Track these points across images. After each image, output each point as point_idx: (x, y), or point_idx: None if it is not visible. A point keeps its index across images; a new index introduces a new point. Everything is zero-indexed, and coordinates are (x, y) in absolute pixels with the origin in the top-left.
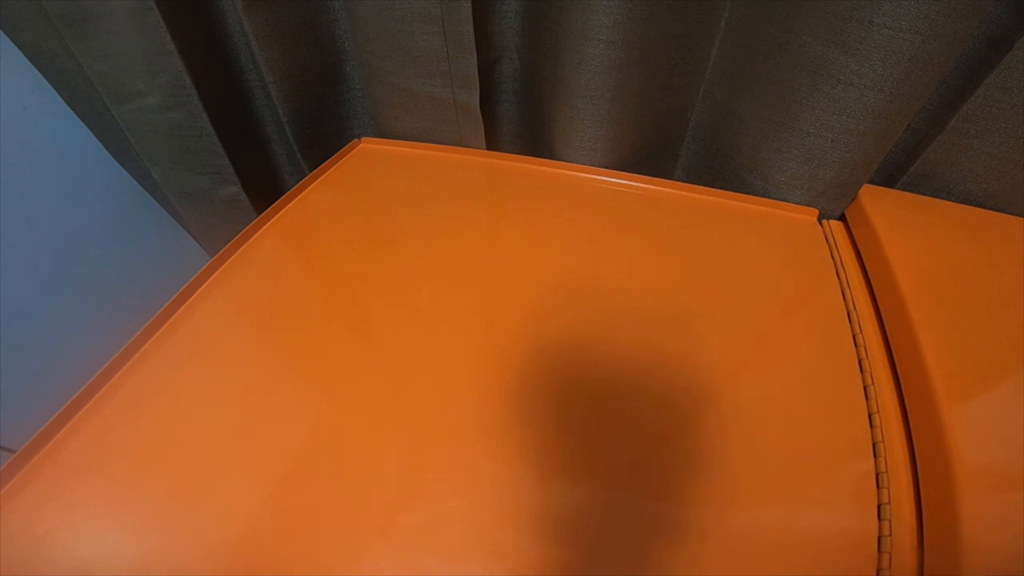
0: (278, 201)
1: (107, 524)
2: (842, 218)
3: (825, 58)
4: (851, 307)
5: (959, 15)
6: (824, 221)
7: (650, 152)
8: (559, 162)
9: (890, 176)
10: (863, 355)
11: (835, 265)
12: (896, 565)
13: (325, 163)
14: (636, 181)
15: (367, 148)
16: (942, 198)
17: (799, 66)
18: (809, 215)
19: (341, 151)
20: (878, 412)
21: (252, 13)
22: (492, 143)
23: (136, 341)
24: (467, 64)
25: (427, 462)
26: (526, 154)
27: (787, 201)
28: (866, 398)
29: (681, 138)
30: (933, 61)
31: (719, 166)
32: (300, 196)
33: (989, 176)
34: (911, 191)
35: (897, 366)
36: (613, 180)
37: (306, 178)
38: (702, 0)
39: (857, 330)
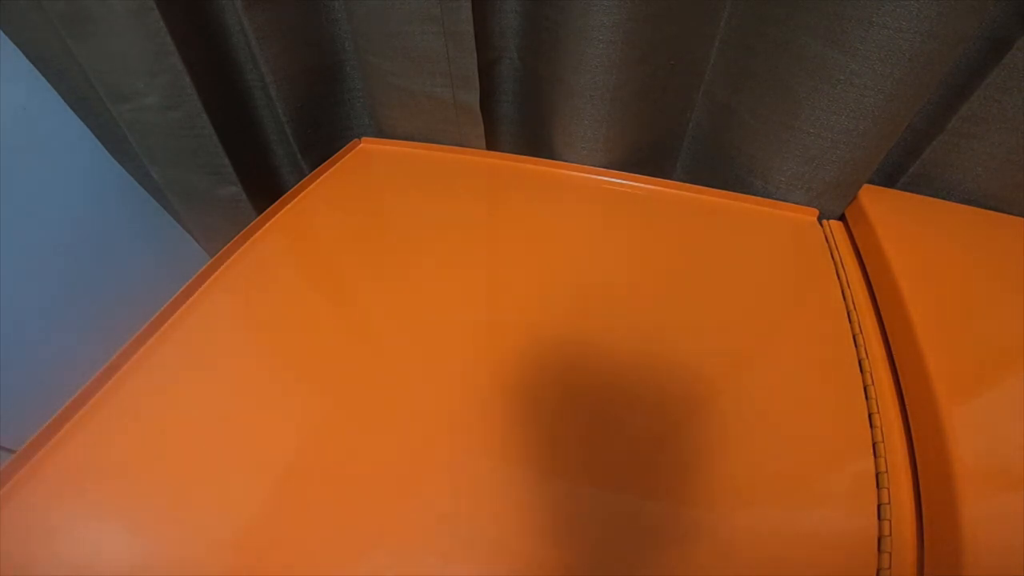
0: (278, 201)
1: (107, 524)
2: (842, 218)
3: (825, 58)
4: (851, 307)
5: (959, 15)
6: (824, 221)
7: (650, 152)
8: (559, 162)
9: (890, 176)
10: (863, 355)
11: (835, 265)
12: (896, 565)
13: (325, 163)
14: (636, 181)
15: (367, 148)
16: (942, 198)
17: (799, 66)
18: (809, 215)
19: (341, 151)
20: (878, 412)
21: (252, 13)
22: (492, 143)
23: (136, 341)
24: (467, 64)
25: (427, 462)
26: (526, 154)
27: (787, 201)
28: (866, 398)
29: (681, 138)
30: (933, 61)
31: (719, 166)
32: (300, 196)
33: (989, 176)
34: (911, 191)
35: (897, 366)
36: (613, 180)
37: (306, 178)
38: (702, 0)
39: (857, 330)
